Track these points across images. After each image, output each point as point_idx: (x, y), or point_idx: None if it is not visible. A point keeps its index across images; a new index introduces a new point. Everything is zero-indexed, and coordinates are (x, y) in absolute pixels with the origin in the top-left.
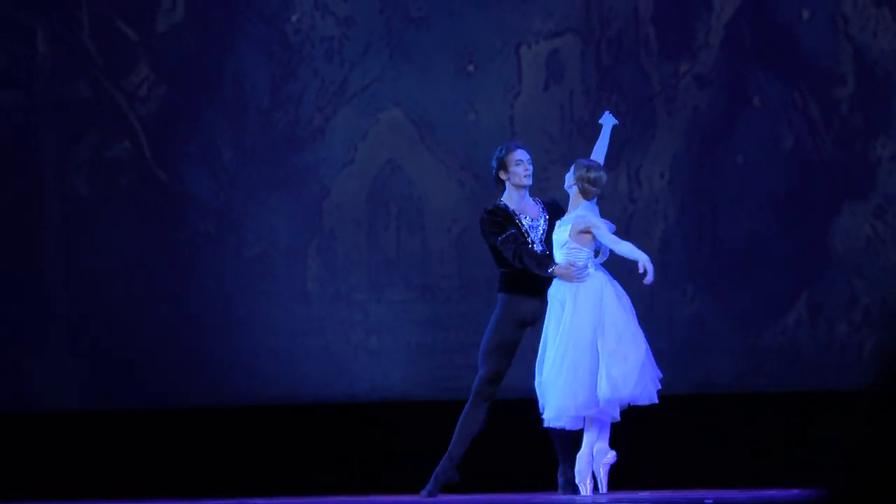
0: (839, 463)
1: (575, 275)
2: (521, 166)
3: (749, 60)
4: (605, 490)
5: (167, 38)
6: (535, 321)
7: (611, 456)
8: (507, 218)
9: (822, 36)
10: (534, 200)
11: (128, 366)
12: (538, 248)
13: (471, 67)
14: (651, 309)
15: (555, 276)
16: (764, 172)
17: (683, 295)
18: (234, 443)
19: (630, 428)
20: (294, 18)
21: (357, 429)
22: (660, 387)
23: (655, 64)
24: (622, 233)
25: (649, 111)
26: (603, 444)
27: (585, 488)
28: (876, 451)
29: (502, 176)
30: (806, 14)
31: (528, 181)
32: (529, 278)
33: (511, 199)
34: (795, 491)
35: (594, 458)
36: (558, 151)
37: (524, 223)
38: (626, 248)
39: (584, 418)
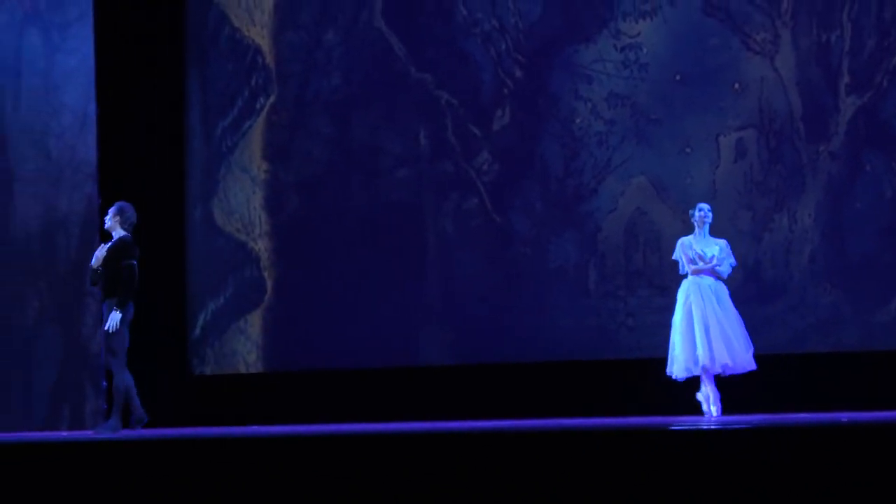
0: None
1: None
2: None
3: (864, 142)
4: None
5: (500, 133)
6: None
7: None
8: None
9: None
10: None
11: (489, 329)
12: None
13: (688, 149)
14: (804, 300)
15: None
16: (874, 213)
17: (825, 291)
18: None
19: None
20: (577, 121)
21: (621, 381)
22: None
23: (804, 145)
24: (787, 252)
25: (801, 175)
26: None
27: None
28: None
29: None
30: None
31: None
32: None
33: None
34: None
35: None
36: (744, 202)
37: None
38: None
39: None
